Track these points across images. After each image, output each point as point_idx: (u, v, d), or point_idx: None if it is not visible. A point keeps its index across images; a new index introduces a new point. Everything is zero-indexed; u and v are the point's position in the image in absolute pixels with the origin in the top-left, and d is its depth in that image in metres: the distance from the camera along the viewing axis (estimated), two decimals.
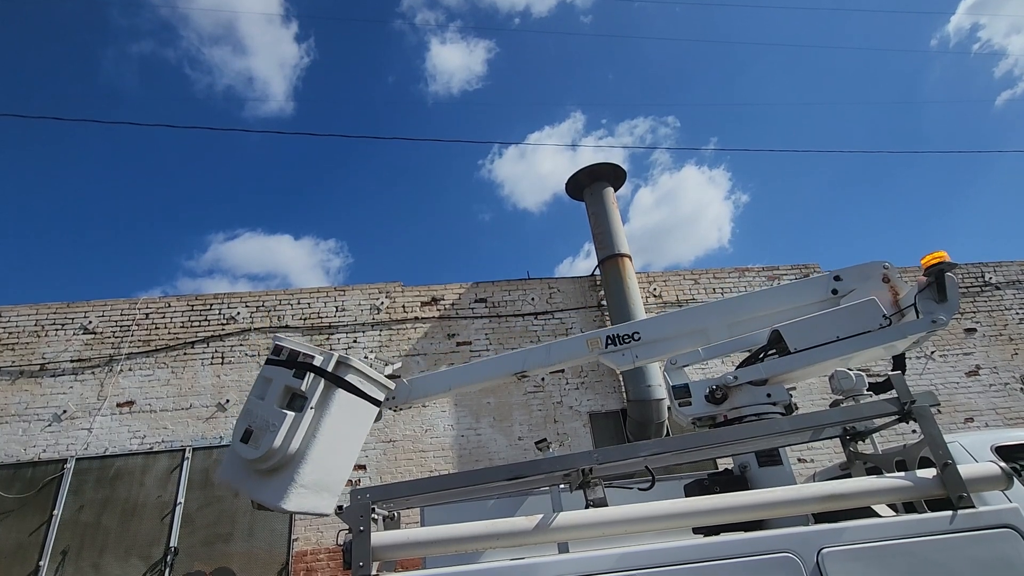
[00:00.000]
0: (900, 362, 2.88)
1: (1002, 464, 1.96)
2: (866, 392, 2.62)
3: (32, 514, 6.97)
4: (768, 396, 2.71)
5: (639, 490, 2.23)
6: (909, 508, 2.25)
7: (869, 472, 2.59)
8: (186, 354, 8.12)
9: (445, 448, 7.83)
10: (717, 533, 1.96)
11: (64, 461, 7.27)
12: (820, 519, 2.02)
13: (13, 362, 7.83)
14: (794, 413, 2.78)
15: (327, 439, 2.32)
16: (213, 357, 8.13)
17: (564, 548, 2.52)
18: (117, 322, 8.25)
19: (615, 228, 8.89)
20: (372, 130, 32.59)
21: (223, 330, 8.33)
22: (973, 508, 1.80)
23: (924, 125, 32.12)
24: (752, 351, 2.96)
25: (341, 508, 2.01)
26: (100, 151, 26.98)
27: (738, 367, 2.85)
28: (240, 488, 2.31)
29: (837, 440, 2.72)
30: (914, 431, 2.09)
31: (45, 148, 24.91)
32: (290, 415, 2.27)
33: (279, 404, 2.32)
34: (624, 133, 33.63)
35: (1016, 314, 9.37)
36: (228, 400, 7.83)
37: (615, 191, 9.42)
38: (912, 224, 36.45)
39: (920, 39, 28.41)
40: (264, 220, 32.23)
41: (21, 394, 7.65)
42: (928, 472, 1.94)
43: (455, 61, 34.74)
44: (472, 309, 8.83)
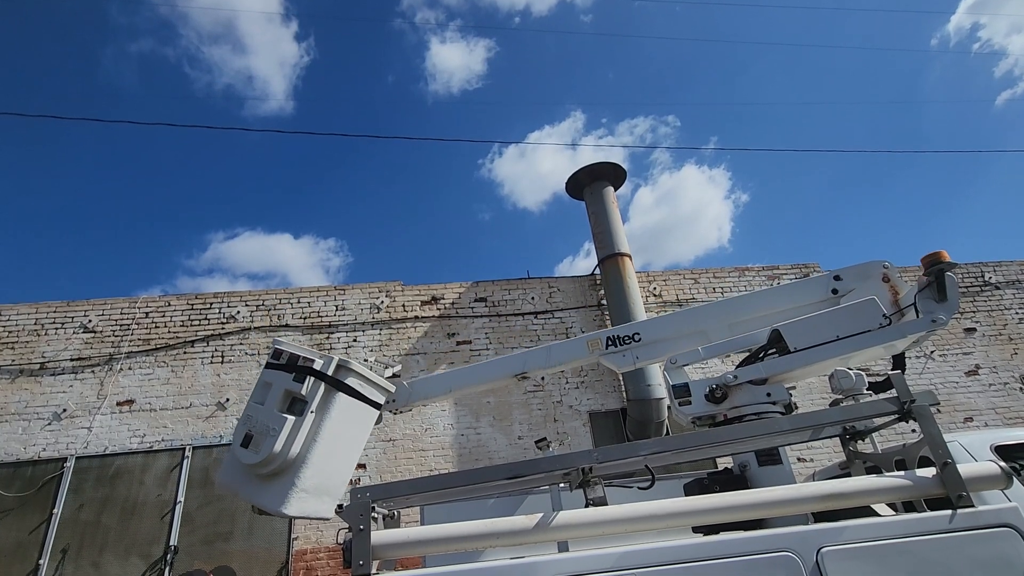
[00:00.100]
0: (900, 361, 2.89)
1: (1001, 463, 1.96)
2: (866, 391, 2.62)
3: (32, 513, 6.98)
4: (768, 395, 2.72)
5: (639, 489, 2.23)
6: (909, 507, 2.25)
7: (869, 471, 2.59)
8: (186, 353, 8.12)
9: (445, 447, 7.83)
10: (717, 532, 1.96)
11: (64, 460, 7.28)
12: (820, 518, 2.02)
13: (13, 361, 7.83)
14: (794, 412, 2.79)
15: (328, 443, 2.31)
16: (213, 356, 8.14)
17: (564, 547, 2.52)
18: (117, 321, 8.25)
19: (615, 227, 8.89)
20: (372, 129, 32.61)
21: (223, 329, 8.33)
22: (972, 507, 1.80)
23: (924, 125, 32.15)
24: (752, 350, 2.97)
25: (341, 507, 2.02)
26: (100, 150, 26.98)
27: (738, 366, 2.85)
28: (241, 493, 2.30)
29: (837, 439, 2.72)
30: (914, 430, 2.10)
31: (44, 147, 24.91)
32: (290, 419, 2.27)
33: (279, 408, 2.32)
34: (624, 132, 33.65)
35: (1016, 314, 9.38)
36: (228, 399, 7.84)
37: (615, 190, 9.43)
38: (912, 224, 36.48)
39: (920, 39, 28.41)
40: (264, 219, 32.25)
41: (21, 393, 7.66)
42: (928, 471, 1.94)
43: (455, 60, 34.74)
44: (472, 308, 8.83)
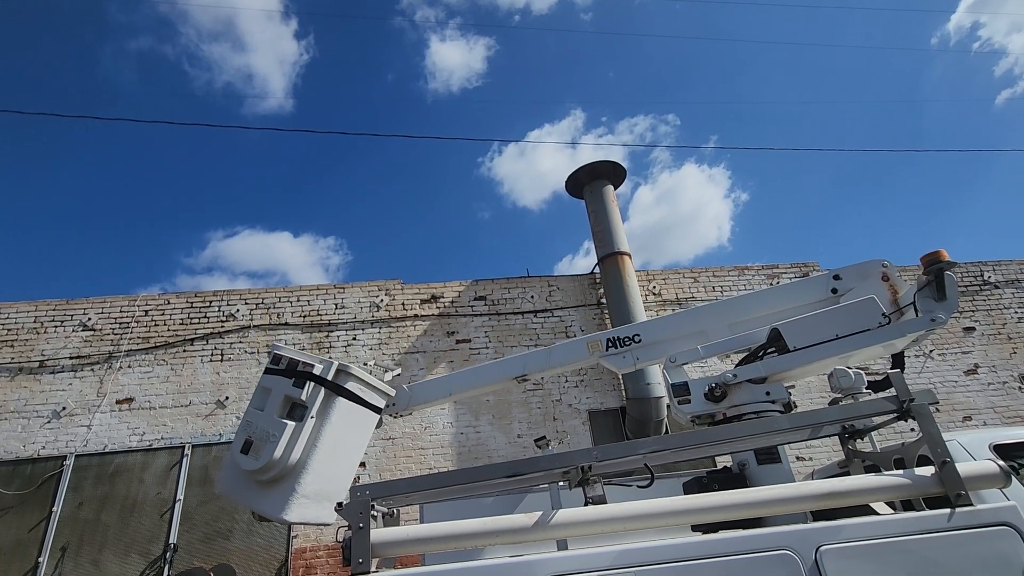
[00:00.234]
0: (899, 360, 2.89)
1: (1000, 462, 1.97)
2: (865, 390, 2.62)
3: (31, 510, 6.98)
4: (767, 394, 2.72)
5: (638, 488, 2.23)
6: (908, 506, 2.26)
7: (868, 470, 2.59)
8: (185, 351, 8.12)
9: (444, 445, 7.84)
10: (716, 531, 1.97)
11: (63, 458, 7.28)
12: (818, 517, 2.03)
13: (12, 359, 7.82)
14: (793, 411, 2.79)
15: (328, 448, 2.31)
16: (212, 354, 8.14)
17: (563, 545, 2.52)
18: (116, 319, 8.24)
19: (615, 226, 8.89)
20: (372, 127, 32.61)
21: (222, 327, 8.33)
22: (971, 506, 1.80)
23: (924, 124, 32.17)
24: (751, 349, 2.97)
25: (341, 505, 2.02)
26: (99, 148, 26.95)
27: (737, 365, 2.86)
28: (241, 499, 2.30)
29: (836, 438, 2.72)
30: (913, 429, 2.10)
31: (44, 145, 24.88)
32: (290, 425, 2.26)
33: (279, 414, 2.31)
34: (624, 131, 33.61)
35: (1015, 313, 9.38)
36: (227, 397, 7.84)
37: (615, 189, 9.42)
38: (912, 223, 36.49)
39: (920, 38, 28.40)
40: (263, 217, 32.23)
41: (20, 391, 7.65)
42: (926, 470, 1.95)
43: (455, 58, 34.70)
44: (472, 307, 8.83)
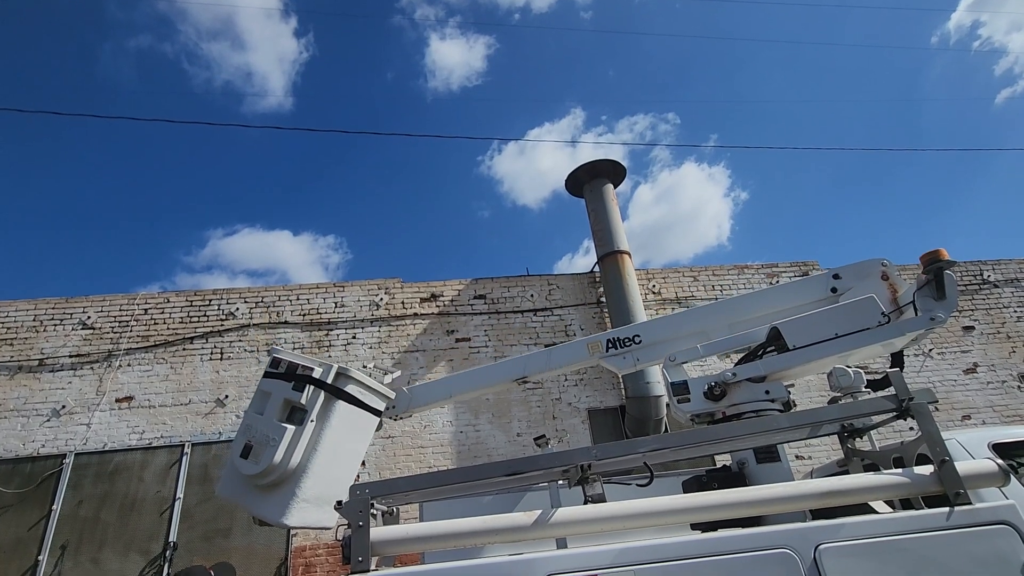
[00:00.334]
0: (898, 359, 2.90)
1: (999, 461, 1.97)
2: (864, 389, 2.62)
3: (31, 509, 6.98)
4: (767, 393, 2.72)
5: (637, 486, 2.23)
6: (907, 505, 2.26)
7: (867, 469, 2.60)
8: (185, 350, 8.11)
9: (444, 444, 7.84)
10: (715, 529, 1.97)
11: (63, 456, 7.28)
12: (818, 515, 2.03)
13: (11, 357, 7.82)
14: (792, 410, 2.79)
15: (328, 451, 2.30)
16: (212, 353, 8.13)
17: (563, 544, 2.52)
18: (116, 317, 8.24)
19: (614, 225, 8.88)
20: (371, 126, 32.54)
21: (222, 326, 8.33)
22: (970, 505, 1.80)
23: (924, 123, 32.17)
24: (751, 348, 2.97)
25: (340, 504, 2.02)
26: (98, 146, 26.92)
27: (737, 364, 2.86)
28: (241, 503, 2.29)
29: (835, 437, 2.73)
30: (912, 428, 2.10)
31: (43, 143, 24.85)
32: (290, 429, 2.25)
33: (278, 418, 2.30)
34: (624, 130, 33.59)
35: (1014, 312, 9.39)
36: (227, 396, 7.84)
37: (615, 188, 9.41)
38: (911, 222, 36.49)
39: (920, 36, 28.38)
40: (263, 216, 32.21)
41: (20, 389, 7.65)
42: (925, 469, 1.95)
43: (455, 57, 34.67)
44: (471, 305, 8.83)
